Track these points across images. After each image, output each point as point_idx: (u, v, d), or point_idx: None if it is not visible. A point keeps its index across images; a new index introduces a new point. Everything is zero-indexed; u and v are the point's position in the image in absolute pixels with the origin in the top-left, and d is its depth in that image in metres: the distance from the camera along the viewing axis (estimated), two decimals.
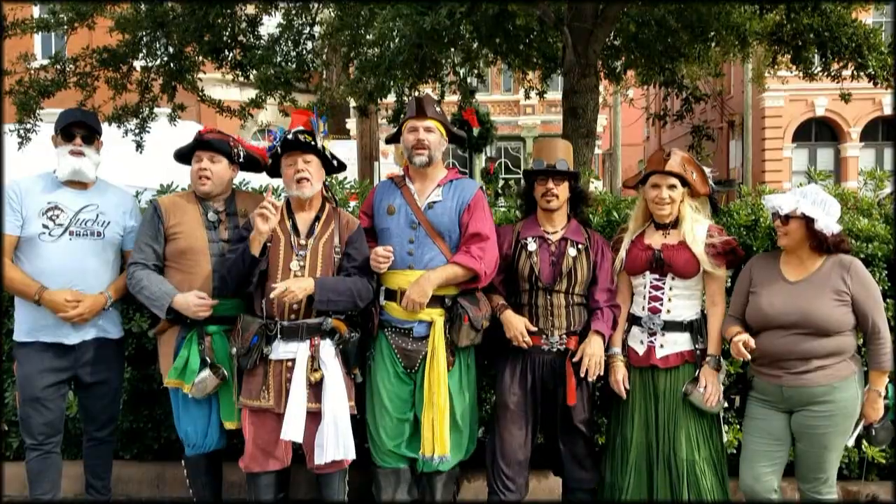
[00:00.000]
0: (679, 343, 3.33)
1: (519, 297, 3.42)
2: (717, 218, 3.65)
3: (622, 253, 3.43)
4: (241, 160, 3.54)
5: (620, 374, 3.37)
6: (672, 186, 3.31)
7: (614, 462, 3.43)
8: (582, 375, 3.32)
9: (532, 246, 3.41)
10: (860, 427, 3.13)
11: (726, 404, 3.29)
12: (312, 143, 3.31)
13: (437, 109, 3.44)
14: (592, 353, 3.31)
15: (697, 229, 3.33)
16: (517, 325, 3.34)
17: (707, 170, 3.44)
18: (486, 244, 3.34)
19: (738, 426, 3.68)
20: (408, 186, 3.46)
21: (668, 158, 3.32)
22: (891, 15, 19.42)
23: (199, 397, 3.36)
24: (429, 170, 3.44)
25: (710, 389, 3.25)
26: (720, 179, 4.00)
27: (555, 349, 3.40)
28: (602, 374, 3.38)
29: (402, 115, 3.53)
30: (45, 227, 3.34)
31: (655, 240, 3.38)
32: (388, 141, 3.74)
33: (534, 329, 3.36)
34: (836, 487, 3.22)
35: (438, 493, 3.47)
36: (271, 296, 3.17)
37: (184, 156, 3.53)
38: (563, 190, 3.42)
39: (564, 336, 3.39)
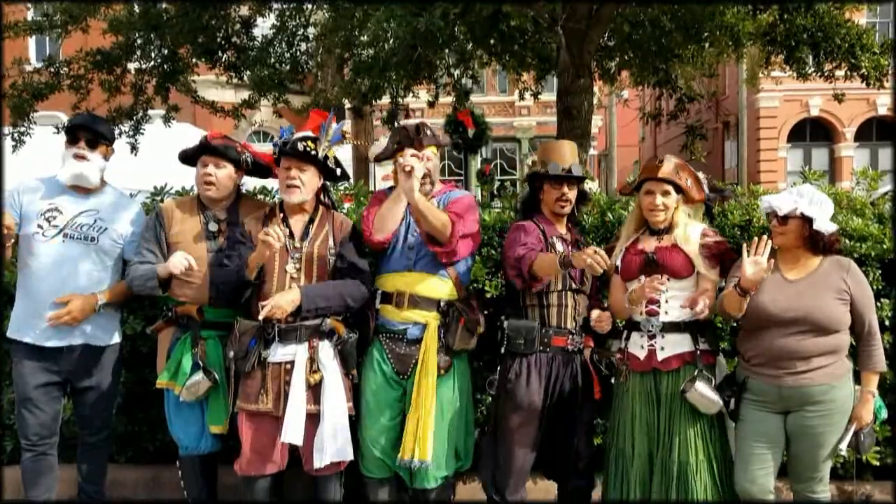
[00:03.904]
0: (679, 344, 3.29)
1: (547, 297, 3.37)
2: (711, 222, 3.63)
3: (617, 260, 3.39)
4: (249, 167, 3.55)
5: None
6: (666, 193, 3.29)
7: (611, 473, 3.37)
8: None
9: (559, 246, 3.38)
10: (850, 433, 3.11)
11: (721, 401, 3.26)
12: (313, 152, 3.29)
13: (429, 133, 3.43)
14: None
15: (691, 232, 3.31)
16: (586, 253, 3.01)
17: (702, 175, 3.42)
18: (464, 222, 3.30)
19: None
20: None
21: (660, 164, 3.30)
22: (887, 16, 19.53)
23: (191, 400, 3.35)
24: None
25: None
26: (715, 187, 4.00)
27: (577, 349, 3.41)
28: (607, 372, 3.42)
29: (393, 121, 3.50)
30: (39, 227, 3.37)
31: (649, 245, 3.35)
32: (378, 160, 3.61)
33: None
34: (832, 486, 3.23)
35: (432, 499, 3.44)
36: (259, 317, 3.17)
37: (188, 157, 3.53)
38: (573, 194, 3.45)
39: (582, 335, 3.42)
